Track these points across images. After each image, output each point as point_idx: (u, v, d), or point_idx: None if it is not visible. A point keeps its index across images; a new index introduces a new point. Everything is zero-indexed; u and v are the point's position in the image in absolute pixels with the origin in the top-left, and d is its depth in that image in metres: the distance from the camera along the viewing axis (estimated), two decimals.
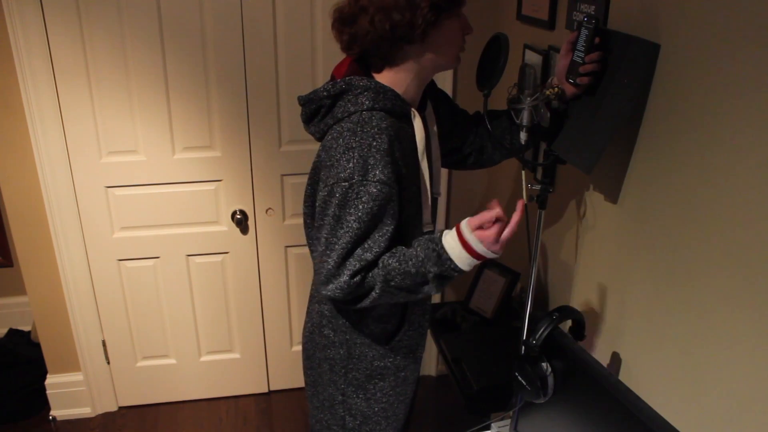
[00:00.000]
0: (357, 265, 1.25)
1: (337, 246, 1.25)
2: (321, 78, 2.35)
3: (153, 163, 2.34)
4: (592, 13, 1.52)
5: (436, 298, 2.74)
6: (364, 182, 1.21)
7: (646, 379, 1.37)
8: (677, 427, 1.19)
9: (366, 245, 1.25)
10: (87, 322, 2.51)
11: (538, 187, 1.55)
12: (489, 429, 1.64)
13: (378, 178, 1.21)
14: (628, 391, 1.13)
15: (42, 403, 2.65)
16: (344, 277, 1.25)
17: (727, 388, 1.11)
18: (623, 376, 1.46)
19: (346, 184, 1.22)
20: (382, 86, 1.28)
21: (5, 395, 2.59)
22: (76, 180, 2.31)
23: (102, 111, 2.24)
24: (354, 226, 1.23)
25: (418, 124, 1.33)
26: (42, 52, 2.12)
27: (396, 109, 1.29)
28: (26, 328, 3.00)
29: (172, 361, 2.67)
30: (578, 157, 1.38)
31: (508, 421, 1.62)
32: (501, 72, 1.38)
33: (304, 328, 1.56)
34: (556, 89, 1.44)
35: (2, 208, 2.91)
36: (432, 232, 1.44)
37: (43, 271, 2.41)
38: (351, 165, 1.21)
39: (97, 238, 2.40)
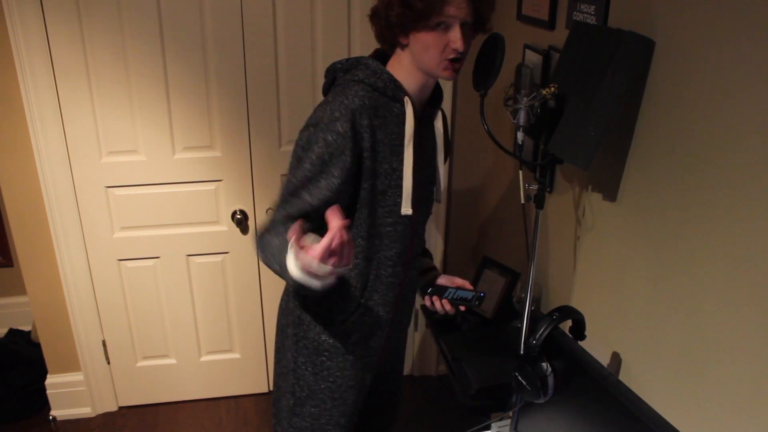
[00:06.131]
0: (293, 210, 1.31)
1: (288, 184, 1.33)
2: (321, 78, 2.35)
3: (153, 163, 2.34)
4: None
5: None
6: (324, 129, 1.29)
7: (646, 379, 1.37)
8: (677, 427, 1.19)
9: (309, 189, 1.31)
10: (87, 322, 2.51)
11: (535, 186, 1.55)
12: (489, 429, 1.64)
13: (336, 128, 1.28)
14: (628, 391, 1.13)
15: (42, 403, 2.65)
16: (278, 215, 1.33)
17: (728, 388, 1.11)
18: (623, 376, 1.46)
19: (312, 128, 1.31)
20: (381, 68, 1.37)
21: (5, 395, 2.59)
22: (76, 180, 2.31)
23: (102, 111, 2.24)
24: (306, 167, 1.31)
25: (409, 111, 1.38)
26: (42, 52, 2.12)
27: (387, 91, 1.36)
28: (26, 328, 3.00)
29: (172, 361, 2.67)
30: (574, 154, 1.38)
31: (508, 421, 1.62)
32: (497, 72, 1.39)
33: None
34: (552, 89, 1.44)
35: (2, 208, 2.91)
36: (420, 220, 1.51)
37: (43, 271, 2.41)
38: (320, 114, 1.31)
39: (97, 238, 2.40)
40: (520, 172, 1.58)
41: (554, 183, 1.83)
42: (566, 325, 1.42)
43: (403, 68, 1.38)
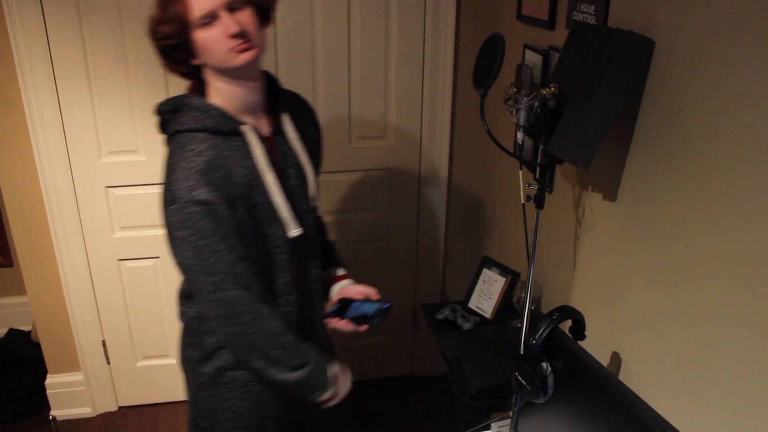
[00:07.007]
0: (228, 284, 1.25)
1: (200, 270, 1.26)
2: (320, 79, 2.35)
3: (153, 163, 2.34)
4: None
5: (436, 298, 2.74)
6: (189, 204, 1.22)
7: (646, 379, 1.37)
8: (677, 427, 1.19)
9: (219, 259, 1.25)
10: (87, 322, 2.50)
11: (535, 186, 1.55)
12: (489, 429, 1.64)
13: (199, 198, 1.22)
14: (628, 391, 1.13)
15: (42, 403, 2.65)
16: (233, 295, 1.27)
17: (728, 388, 1.11)
18: (623, 376, 1.46)
19: (177, 205, 1.23)
20: (207, 105, 1.29)
21: (5, 395, 2.59)
22: (76, 180, 2.31)
23: (102, 111, 2.24)
24: (199, 245, 1.24)
25: (252, 139, 1.31)
26: (42, 52, 2.12)
27: (222, 128, 1.28)
28: (26, 328, 2.99)
29: (172, 361, 2.67)
30: (574, 154, 1.38)
31: (508, 421, 1.62)
32: (497, 72, 1.39)
33: None
34: (552, 88, 1.44)
35: (2, 208, 2.91)
36: (305, 237, 1.41)
37: (43, 271, 2.41)
38: (175, 187, 1.23)
39: (97, 238, 2.40)
40: (520, 172, 1.58)
41: (554, 183, 1.83)
42: (566, 325, 1.42)
43: (218, 90, 1.30)
